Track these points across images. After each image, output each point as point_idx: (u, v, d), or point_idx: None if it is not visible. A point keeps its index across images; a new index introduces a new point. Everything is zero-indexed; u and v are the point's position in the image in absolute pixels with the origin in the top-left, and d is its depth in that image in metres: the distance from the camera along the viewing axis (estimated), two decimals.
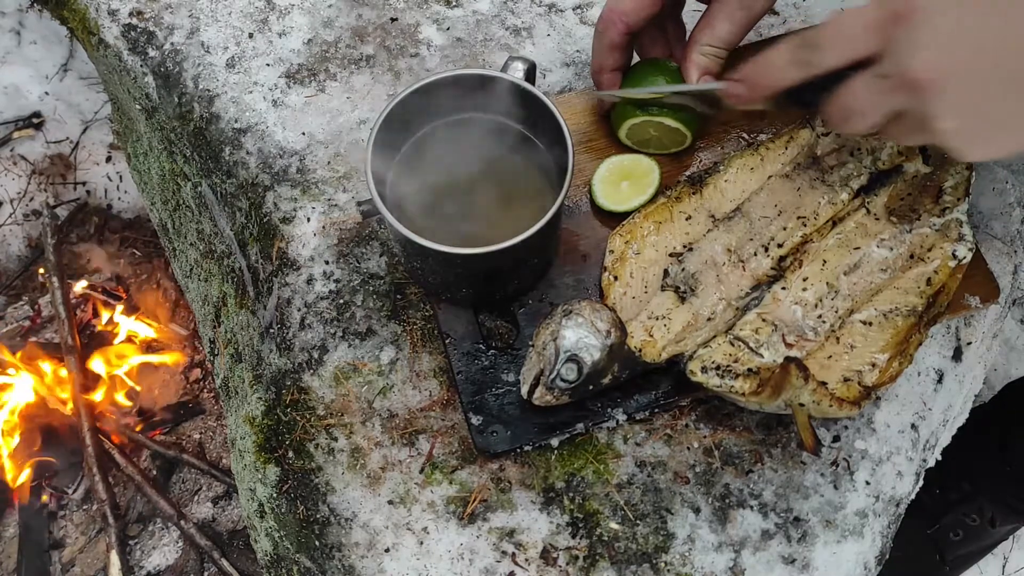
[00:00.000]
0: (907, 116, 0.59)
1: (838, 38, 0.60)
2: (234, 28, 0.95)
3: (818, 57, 0.61)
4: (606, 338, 0.70)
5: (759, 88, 0.66)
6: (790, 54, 0.63)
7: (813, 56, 0.61)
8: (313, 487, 0.75)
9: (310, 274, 0.83)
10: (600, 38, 0.77)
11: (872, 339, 0.74)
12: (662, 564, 0.73)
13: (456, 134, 0.76)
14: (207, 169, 0.92)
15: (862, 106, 0.60)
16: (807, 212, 0.78)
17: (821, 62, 0.61)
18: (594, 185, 0.81)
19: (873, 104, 0.60)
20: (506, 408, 0.75)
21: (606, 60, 0.78)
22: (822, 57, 0.60)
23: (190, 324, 1.59)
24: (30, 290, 1.65)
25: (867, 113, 0.61)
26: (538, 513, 0.74)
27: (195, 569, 1.38)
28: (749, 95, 0.67)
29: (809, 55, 0.61)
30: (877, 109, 0.60)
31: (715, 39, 0.74)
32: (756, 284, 0.76)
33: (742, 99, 0.68)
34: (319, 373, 0.79)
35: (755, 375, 0.71)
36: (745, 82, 0.67)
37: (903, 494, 0.79)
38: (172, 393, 1.53)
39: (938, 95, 0.56)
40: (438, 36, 0.95)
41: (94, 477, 1.40)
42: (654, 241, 0.78)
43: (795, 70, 0.63)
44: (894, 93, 0.58)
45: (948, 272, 0.76)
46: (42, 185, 1.71)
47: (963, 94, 0.56)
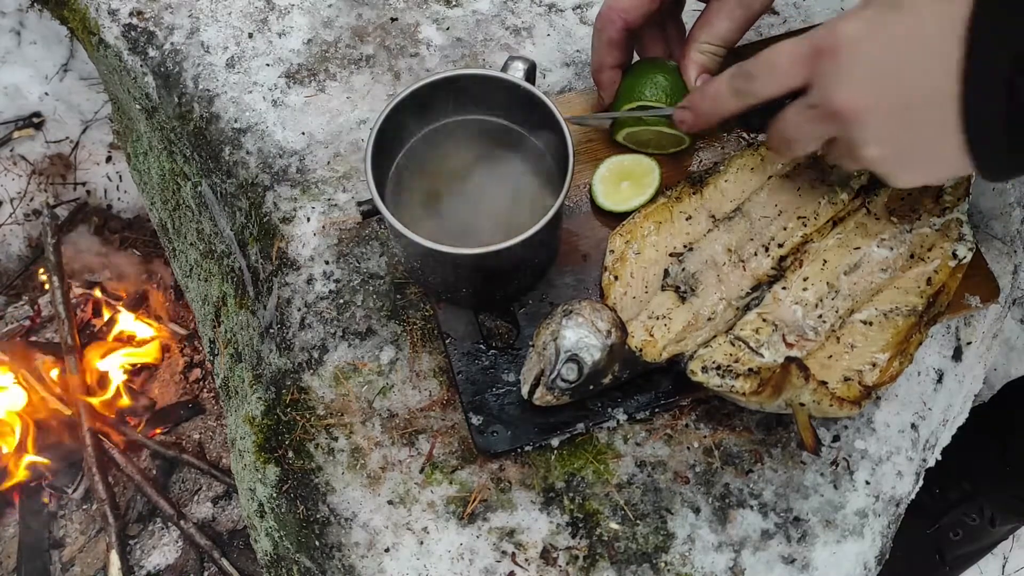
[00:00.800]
0: (838, 143, 0.63)
1: (770, 70, 0.64)
2: (234, 28, 0.95)
3: (754, 88, 0.65)
4: (606, 338, 0.70)
5: (703, 116, 0.71)
6: (729, 84, 0.67)
7: (749, 86, 0.65)
8: (313, 487, 0.75)
9: (310, 274, 0.83)
10: (599, 36, 0.77)
11: (872, 339, 0.74)
12: (662, 564, 0.73)
13: (456, 134, 0.76)
14: (207, 169, 0.92)
15: (795, 133, 0.65)
16: (807, 212, 0.78)
17: (757, 92, 0.65)
18: (594, 185, 0.81)
19: (805, 132, 0.64)
20: (506, 408, 0.75)
21: (605, 58, 0.78)
22: (757, 88, 0.65)
23: (190, 324, 1.59)
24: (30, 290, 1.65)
25: (800, 140, 0.65)
26: (538, 513, 0.74)
27: (195, 569, 1.38)
28: (694, 121, 0.72)
29: (746, 85, 0.66)
30: (809, 136, 0.64)
31: (713, 37, 0.74)
32: (756, 284, 0.76)
33: (688, 125, 0.72)
34: (319, 373, 0.79)
35: (756, 375, 0.71)
36: (691, 110, 0.72)
37: (903, 494, 0.79)
38: (172, 393, 1.53)
39: (860, 125, 0.59)
40: (438, 36, 0.95)
41: (94, 477, 1.40)
42: (654, 241, 0.78)
43: (734, 100, 0.67)
44: (822, 122, 0.62)
45: (948, 272, 0.76)
46: (42, 185, 1.71)
47: (882, 125, 0.59)
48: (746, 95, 0.66)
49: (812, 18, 0.94)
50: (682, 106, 0.73)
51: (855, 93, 0.59)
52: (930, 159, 0.60)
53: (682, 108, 0.73)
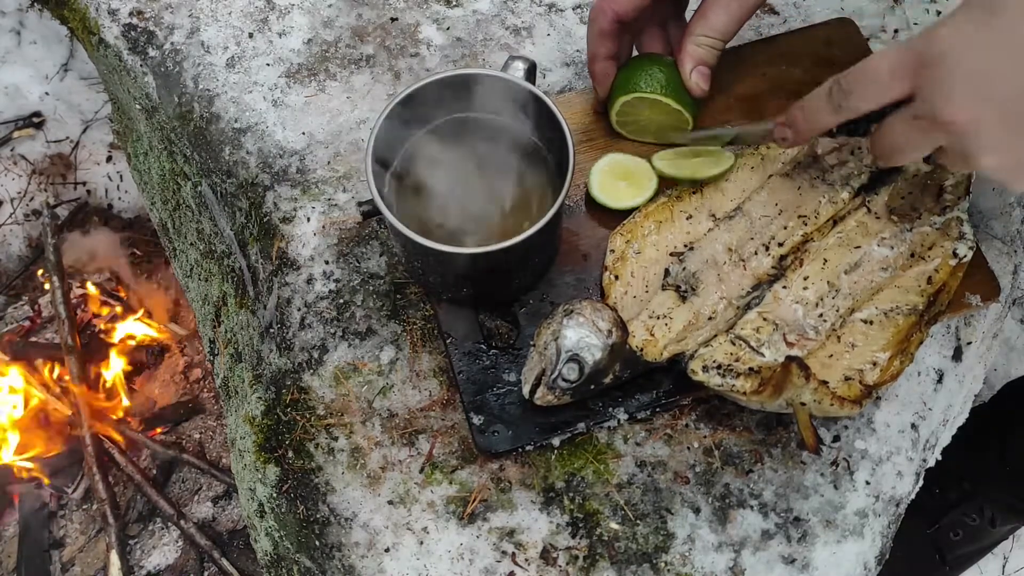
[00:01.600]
0: (949, 151, 0.61)
1: (870, 83, 0.62)
2: (234, 28, 0.95)
3: (852, 103, 0.63)
4: (607, 337, 0.70)
5: (802, 132, 0.69)
6: (827, 100, 0.65)
7: (847, 102, 0.64)
8: (313, 487, 0.75)
9: (310, 274, 0.83)
10: (591, 26, 0.78)
11: (873, 338, 0.74)
12: (662, 564, 0.73)
13: (456, 134, 0.76)
14: (207, 169, 0.92)
15: (903, 143, 0.63)
16: (808, 211, 0.78)
17: (856, 107, 0.64)
18: (591, 174, 0.81)
19: (913, 141, 0.62)
20: (507, 408, 0.75)
21: (598, 48, 0.79)
22: (856, 103, 0.63)
23: (190, 324, 1.59)
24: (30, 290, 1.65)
25: (908, 149, 0.63)
26: (538, 513, 0.74)
27: (195, 569, 1.38)
28: (795, 138, 0.70)
29: (844, 101, 0.64)
30: (918, 146, 0.62)
31: (710, 30, 0.75)
32: (757, 283, 0.76)
33: (789, 142, 0.71)
34: (319, 373, 0.79)
35: (756, 374, 0.71)
36: (790, 125, 0.70)
37: (903, 494, 0.79)
38: (172, 393, 1.53)
39: (971, 136, 0.58)
40: (438, 36, 0.95)
41: (94, 477, 1.40)
42: (655, 240, 0.78)
43: (833, 115, 0.66)
44: (930, 133, 0.60)
45: (949, 270, 0.76)
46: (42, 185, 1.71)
47: (996, 133, 0.57)
48: (845, 110, 0.64)
49: (812, 18, 0.94)
50: (780, 122, 0.71)
51: (963, 104, 0.57)
52: None
53: (781, 124, 0.71)
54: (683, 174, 0.79)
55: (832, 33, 0.89)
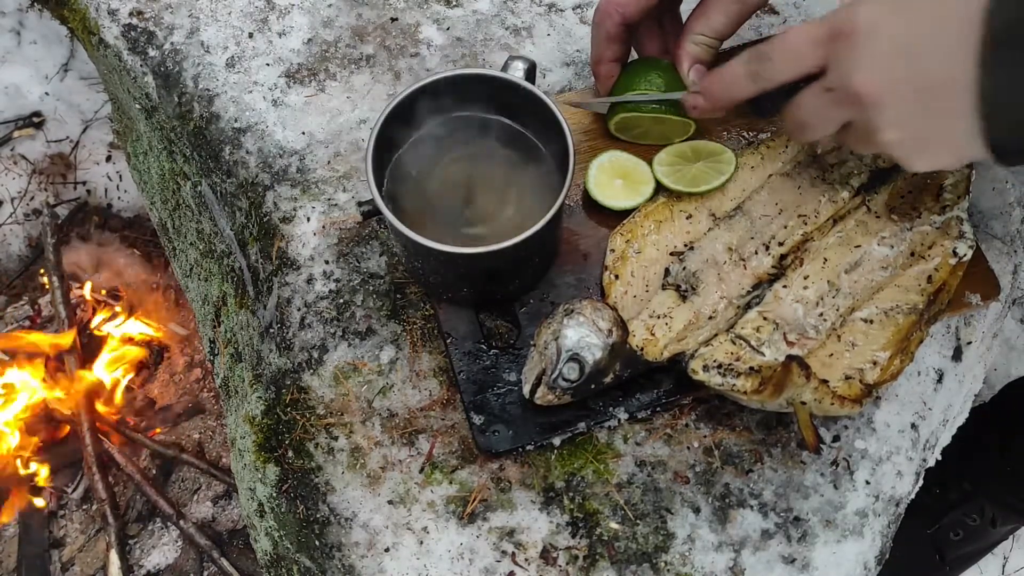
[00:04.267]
0: (854, 127, 0.62)
1: (786, 53, 0.63)
2: (234, 28, 0.95)
3: (769, 71, 0.64)
4: (608, 337, 0.70)
5: (716, 100, 0.70)
6: (744, 67, 0.66)
7: (764, 70, 0.65)
8: (313, 487, 0.75)
9: (310, 274, 0.83)
10: (597, 29, 0.78)
11: (873, 337, 0.74)
12: (662, 564, 0.73)
13: (457, 133, 0.76)
14: (207, 169, 0.92)
15: (812, 117, 0.64)
16: (808, 210, 0.78)
17: (772, 76, 0.65)
18: (590, 169, 0.81)
19: (822, 116, 0.63)
20: (508, 408, 0.75)
21: (604, 51, 0.79)
22: (773, 71, 0.64)
23: (190, 324, 1.59)
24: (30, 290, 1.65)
25: (817, 124, 0.64)
26: (538, 513, 0.74)
27: (195, 569, 1.38)
28: (707, 105, 0.71)
29: (761, 69, 0.65)
30: (826, 120, 0.63)
31: (708, 29, 0.75)
32: (757, 282, 0.76)
33: (699, 110, 0.72)
34: (319, 373, 0.79)
35: (757, 373, 0.71)
36: (704, 94, 0.71)
37: (903, 494, 0.79)
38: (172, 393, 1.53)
39: (878, 109, 0.59)
40: (438, 36, 0.95)
41: (94, 476, 1.40)
42: (655, 240, 0.78)
43: (749, 83, 0.66)
44: (839, 106, 0.61)
45: (949, 269, 0.76)
46: (42, 185, 1.72)
47: (901, 108, 0.58)
48: (762, 78, 0.65)
49: (812, 17, 0.94)
50: (694, 91, 0.72)
51: (873, 76, 0.58)
52: (946, 143, 0.60)
53: (694, 93, 0.72)
54: (683, 187, 0.79)
55: None
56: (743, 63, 0.66)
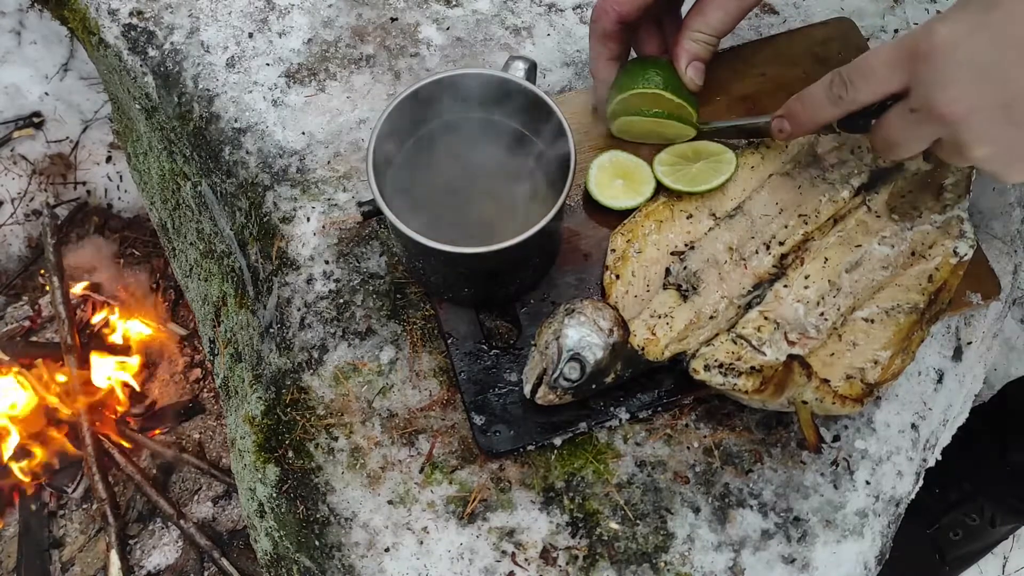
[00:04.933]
0: (944, 143, 0.63)
1: (867, 76, 0.64)
2: (234, 28, 0.95)
3: (851, 95, 0.65)
4: (609, 337, 0.70)
5: (801, 124, 0.71)
6: (826, 91, 0.67)
7: (846, 94, 0.65)
8: (313, 487, 0.75)
9: (310, 274, 0.83)
10: (594, 28, 0.78)
11: (874, 336, 0.74)
12: (662, 564, 0.73)
13: (457, 133, 0.76)
14: (207, 169, 0.92)
15: (900, 137, 0.64)
16: (808, 210, 0.78)
17: (855, 99, 0.65)
18: (590, 169, 0.81)
19: (909, 135, 0.64)
20: (509, 408, 0.75)
21: (601, 50, 0.79)
22: (855, 94, 0.65)
23: (190, 324, 1.59)
24: (30, 290, 1.65)
25: (906, 143, 0.65)
26: (538, 513, 0.74)
27: (195, 569, 1.38)
28: (793, 130, 0.72)
29: (843, 92, 0.65)
30: (914, 139, 0.64)
31: (706, 26, 0.75)
32: (758, 282, 0.76)
33: (786, 134, 0.72)
34: (319, 373, 0.79)
35: (758, 373, 0.71)
36: (788, 118, 0.71)
37: (903, 494, 0.79)
38: (172, 393, 1.53)
39: (965, 127, 0.59)
40: (438, 36, 0.95)
41: (94, 476, 1.40)
42: (656, 240, 0.78)
43: (832, 108, 0.67)
44: (926, 125, 0.62)
45: (949, 269, 0.76)
46: (42, 185, 1.71)
47: (989, 124, 0.59)
48: (844, 102, 0.66)
49: (812, 17, 0.94)
50: (779, 115, 0.72)
51: (956, 95, 0.59)
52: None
53: (779, 117, 0.72)
54: (683, 186, 0.79)
55: (832, 33, 0.89)
56: (825, 87, 0.67)
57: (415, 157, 0.75)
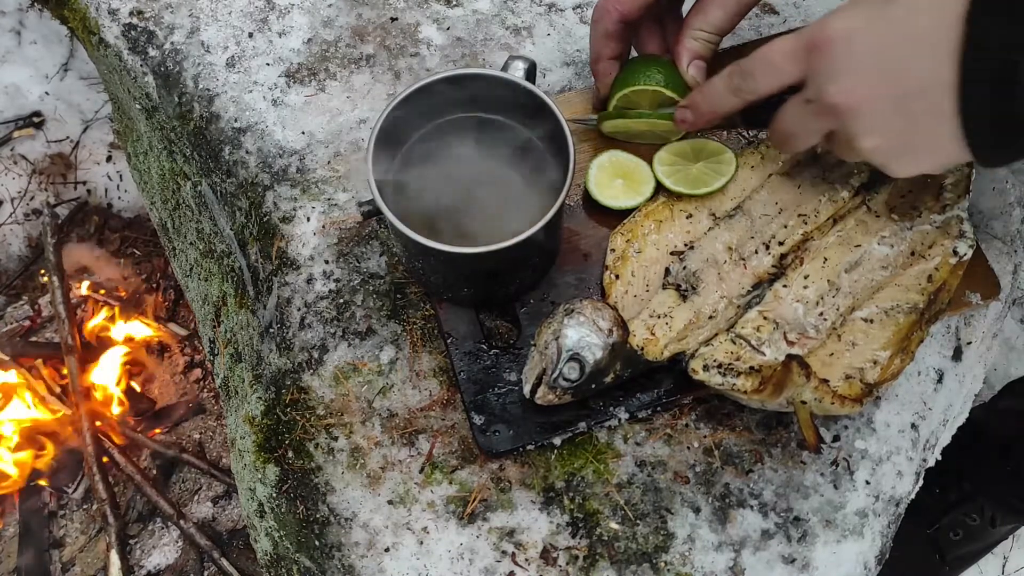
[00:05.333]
0: (837, 136, 0.64)
1: (765, 67, 0.65)
2: (234, 28, 0.95)
3: (750, 85, 0.67)
4: (608, 337, 0.70)
5: (703, 115, 0.72)
6: (726, 82, 0.68)
7: (746, 84, 0.67)
8: (313, 487, 0.75)
9: (310, 274, 0.83)
10: (595, 27, 0.79)
11: (874, 336, 0.74)
12: (662, 564, 0.73)
13: (457, 133, 0.76)
14: (207, 168, 0.92)
15: (795, 129, 0.66)
16: (808, 210, 0.78)
17: (753, 89, 0.67)
18: (590, 169, 0.81)
19: (804, 127, 0.65)
20: (508, 408, 0.75)
21: (602, 49, 0.79)
22: (753, 84, 0.66)
23: (190, 324, 1.59)
24: (30, 290, 1.65)
25: (800, 135, 0.66)
26: (538, 513, 0.74)
27: (195, 569, 1.38)
28: (695, 121, 0.73)
29: (742, 83, 0.67)
30: (808, 131, 0.65)
31: (707, 25, 0.75)
32: (757, 282, 0.76)
33: (688, 124, 0.74)
34: (319, 373, 0.79)
35: (757, 373, 0.71)
36: (691, 108, 0.73)
37: (903, 494, 0.79)
38: (172, 393, 1.53)
39: (855, 118, 0.60)
40: (438, 36, 0.95)
41: (94, 477, 1.40)
42: (655, 240, 0.78)
43: (732, 97, 0.69)
44: (819, 116, 0.63)
45: (949, 269, 0.76)
46: (42, 184, 1.72)
47: (880, 116, 0.60)
48: (743, 92, 0.67)
49: (812, 17, 0.94)
50: (682, 105, 0.74)
51: (849, 86, 0.59)
52: (927, 147, 0.61)
53: (683, 107, 0.74)
54: (684, 188, 0.79)
55: None
56: (724, 78, 0.68)
57: (415, 157, 0.75)
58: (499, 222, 0.73)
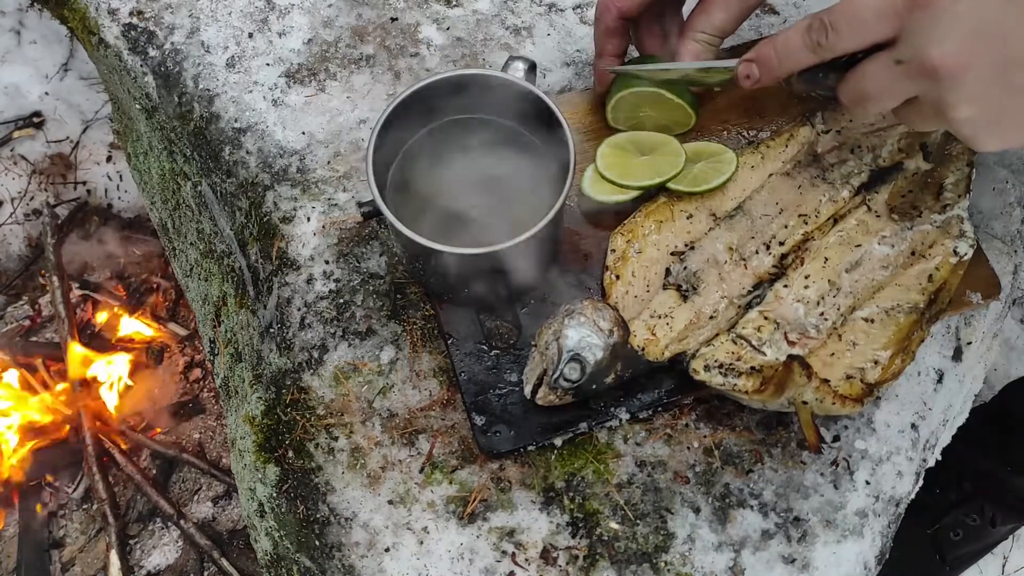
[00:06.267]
0: (922, 102, 0.59)
1: (854, 22, 0.59)
2: (234, 28, 0.95)
3: (832, 40, 0.60)
4: (609, 337, 0.70)
5: (772, 70, 0.66)
6: (804, 36, 0.62)
7: (827, 39, 0.61)
8: (313, 487, 0.75)
9: (310, 274, 0.83)
10: (597, 25, 0.79)
11: (874, 336, 0.74)
12: (662, 564, 0.73)
13: (457, 134, 0.76)
14: (207, 168, 0.92)
15: (877, 90, 0.61)
16: (808, 210, 0.78)
17: (836, 46, 0.61)
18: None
19: (888, 88, 0.60)
20: (509, 408, 0.75)
21: (605, 46, 0.79)
22: (837, 40, 0.60)
23: (190, 324, 1.59)
24: (30, 290, 1.65)
25: (882, 97, 0.61)
26: (538, 513, 0.74)
27: (195, 569, 1.38)
28: (761, 76, 0.67)
29: (823, 38, 0.61)
30: (892, 93, 0.60)
31: (709, 26, 0.75)
32: (758, 282, 0.76)
33: (752, 80, 0.67)
34: (319, 373, 0.79)
35: (758, 373, 0.71)
36: (758, 63, 0.66)
37: (903, 494, 0.79)
38: (172, 393, 1.53)
39: (955, 84, 0.56)
40: (438, 36, 0.95)
41: (94, 476, 1.40)
42: (655, 240, 0.78)
43: (809, 53, 0.62)
44: (911, 79, 0.58)
45: (949, 269, 0.76)
46: (42, 185, 1.71)
47: (980, 84, 0.56)
48: (823, 48, 0.61)
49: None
50: (747, 58, 0.67)
51: (953, 49, 0.55)
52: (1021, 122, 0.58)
53: (747, 61, 0.67)
54: (684, 187, 0.79)
55: None
56: (802, 31, 0.62)
57: (415, 157, 0.75)
58: (499, 222, 0.73)
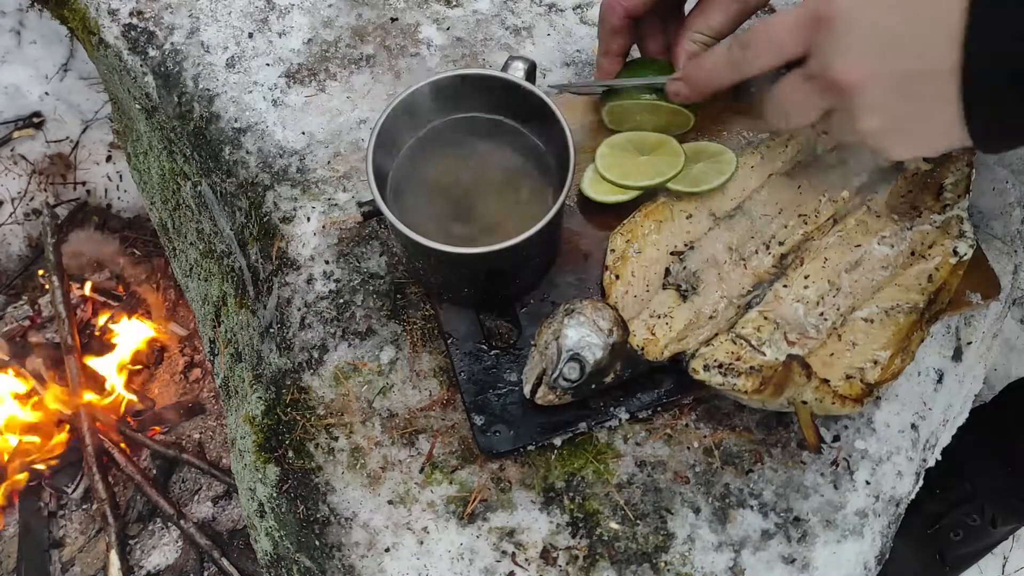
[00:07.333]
0: (836, 114, 0.62)
1: (766, 41, 0.63)
2: (234, 28, 0.95)
3: (750, 59, 0.65)
4: (608, 337, 0.70)
5: (697, 87, 0.71)
6: (726, 55, 0.67)
7: (745, 58, 0.65)
8: (313, 487, 0.75)
9: (310, 274, 0.83)
10: (602, 24, 0.79)
11: (874, 336, 0.74)
12: (662, 564, 0.73)
13: (457, 134, 0.76)
14: (207, 168, 0.92)
15: (793, 105, 0.64)
16: (808, 210, 0.78)
17: (754, 63, 0.65)
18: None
19: (802, 103, 0.63)
20: (509, 408, 0.75)
21: (609, 45, 0.79)
22: (754, 59, 0.64)
23: (190, 324, 1.59)
24: (30, 290, 1.65)
25: (798, 112, 0.64)
26: (538, 513, 0.74)
27: (195, 569, 1.38)
28: (688, 93, 0.72)
29: (743, 57, 0.65)
30: (807, 108, 0.63)
31: (707, 28, 0.75)
32: (758, 282, 0.76)
33: (681, 96, 0.73)
34: (319, 373, 0.79)
35: (758, 373, 0.71)
36: (685, 80, 0.72)
37: (903, 494, 0.79)
38: (172, 393, 1.53)
39: (859, 95, 0.59)
40: (438, 36, 0.95)
41: (94, 476, 1.40)
42: (655, 240, 0.78)
43: (730, 71, 0.67)
44: (820, 93, 0.61)
45: (949, 269, 0.76)
46: (42, 185, 1.72)
47: (882, 95, 0.58)
48: (743, 66, 0.65)
49: None
50: (675, 77, 0.72)
51: (854, 63, 0.58)
52: (927, 130, 0.60)
53: (676, 80, 0.72)
54: (684, 187, 0.79)
55: None
56: (724, 50, 0.67)
57: (415, 157, 0.75)
58: (499, 222, 0.73)
